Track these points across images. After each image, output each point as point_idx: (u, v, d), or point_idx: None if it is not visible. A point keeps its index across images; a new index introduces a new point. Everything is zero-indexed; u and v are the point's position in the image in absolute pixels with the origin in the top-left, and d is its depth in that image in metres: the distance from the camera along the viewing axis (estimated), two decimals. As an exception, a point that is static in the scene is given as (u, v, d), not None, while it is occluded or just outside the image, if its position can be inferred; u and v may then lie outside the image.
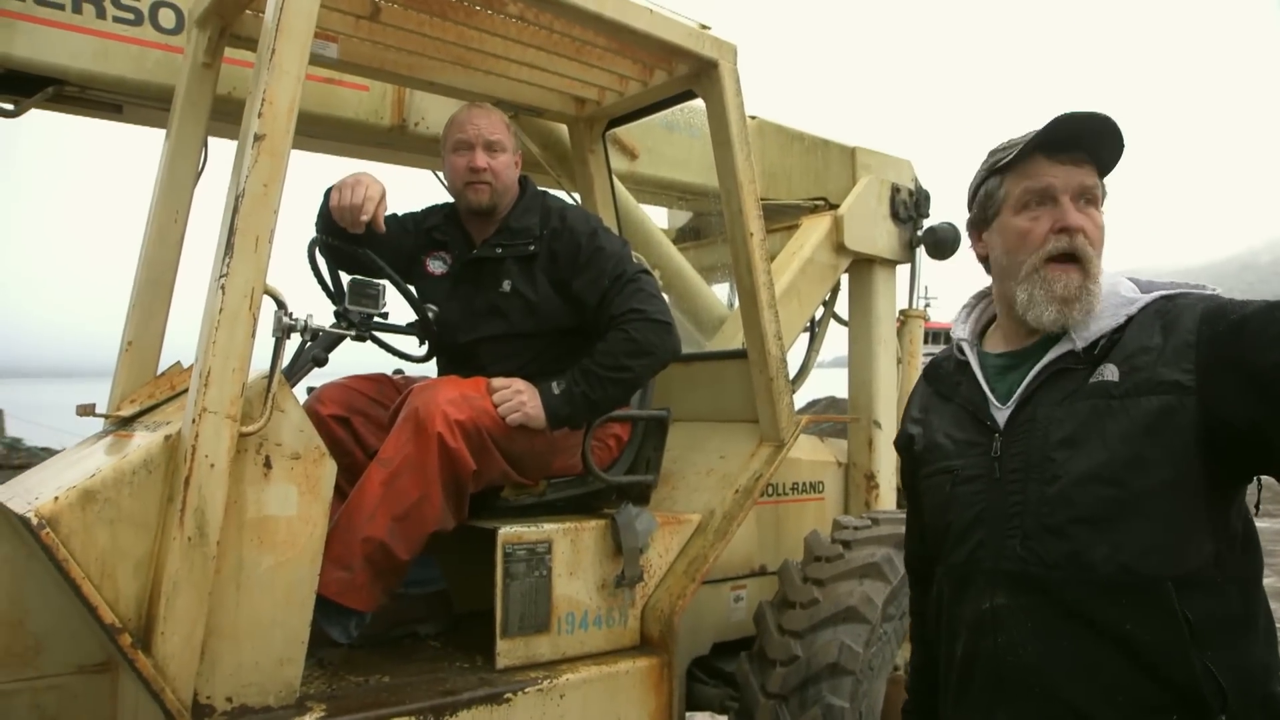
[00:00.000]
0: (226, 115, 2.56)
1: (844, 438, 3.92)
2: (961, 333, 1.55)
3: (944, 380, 1.54)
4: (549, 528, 2.27)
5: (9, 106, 2.45)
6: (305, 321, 1.88)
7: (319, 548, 1.88)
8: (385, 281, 2.19)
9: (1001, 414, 1.39)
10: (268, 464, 1.81)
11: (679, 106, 3.17)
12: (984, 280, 1.58)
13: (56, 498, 1.61)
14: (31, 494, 1.75)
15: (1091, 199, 1.37)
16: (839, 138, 3.96)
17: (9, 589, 1.90)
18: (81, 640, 1.96)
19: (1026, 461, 1.32)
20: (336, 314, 2.21)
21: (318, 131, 2.89)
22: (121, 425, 2.13)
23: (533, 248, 2.42)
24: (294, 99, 1.81)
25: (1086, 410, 1.28)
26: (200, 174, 2.41)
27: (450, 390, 2.15)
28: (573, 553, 2.30)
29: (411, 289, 2.42)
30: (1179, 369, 1.22)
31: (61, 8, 2.38)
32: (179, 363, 2.28)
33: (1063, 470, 1.28)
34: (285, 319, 1.82)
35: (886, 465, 3.78)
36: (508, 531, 2.19)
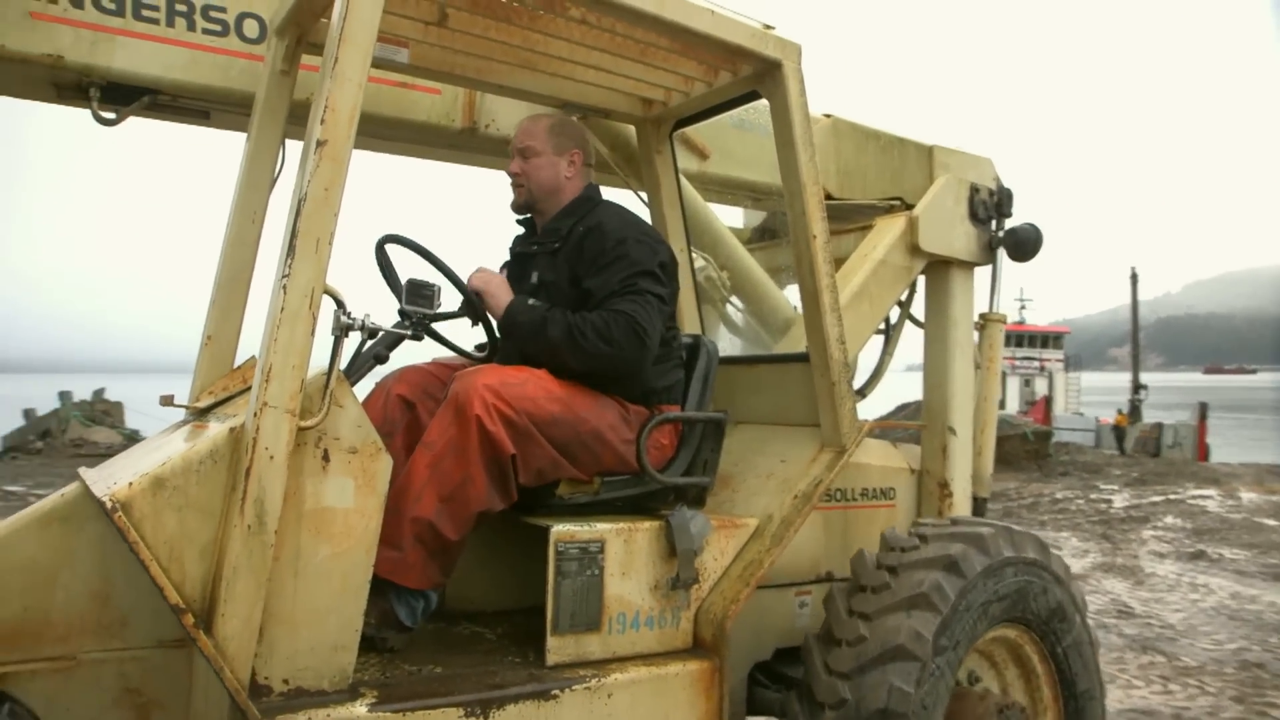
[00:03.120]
0: (304, 120, 2.68)
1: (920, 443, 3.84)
2: None
3: None
4: (602, 527, 2.29)
5: (110, 116, 2.60)
6: (363, 320, 1.95)
7: (374, 540, 1.94)
8: (439, 283, 2.25)
9: None
10: (326, 457, 1.89)
11: (750, 106, 3.16)
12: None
13: (131, 483, 1.71)
14: (112, 479, 1.87)
15: None
16: (917, 136, 3.87)
17: (99, 565, 2.01)
18: (162, 616, 2.06)
19: None
20: (400, 313, 2.27)
21: (391, 134, 2.99)
22: (199, 416, 2.25)
23: (558, 245, 2.52)
24: (355, 105, 1.87)
25: None
26: (277, 177, 2.52)
27: (490, 375, 2.22)
28: (626, 553, 2.32)
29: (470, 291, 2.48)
30: None
31: (156, 22, 2.52)
32: (253, 357, 2.39)
33: None
34: (344, 318, 1.88)
35: (961, 473, 3.69)
36: (561, 529, 2.22)
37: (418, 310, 2.17)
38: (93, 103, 2.52)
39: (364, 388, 2.43)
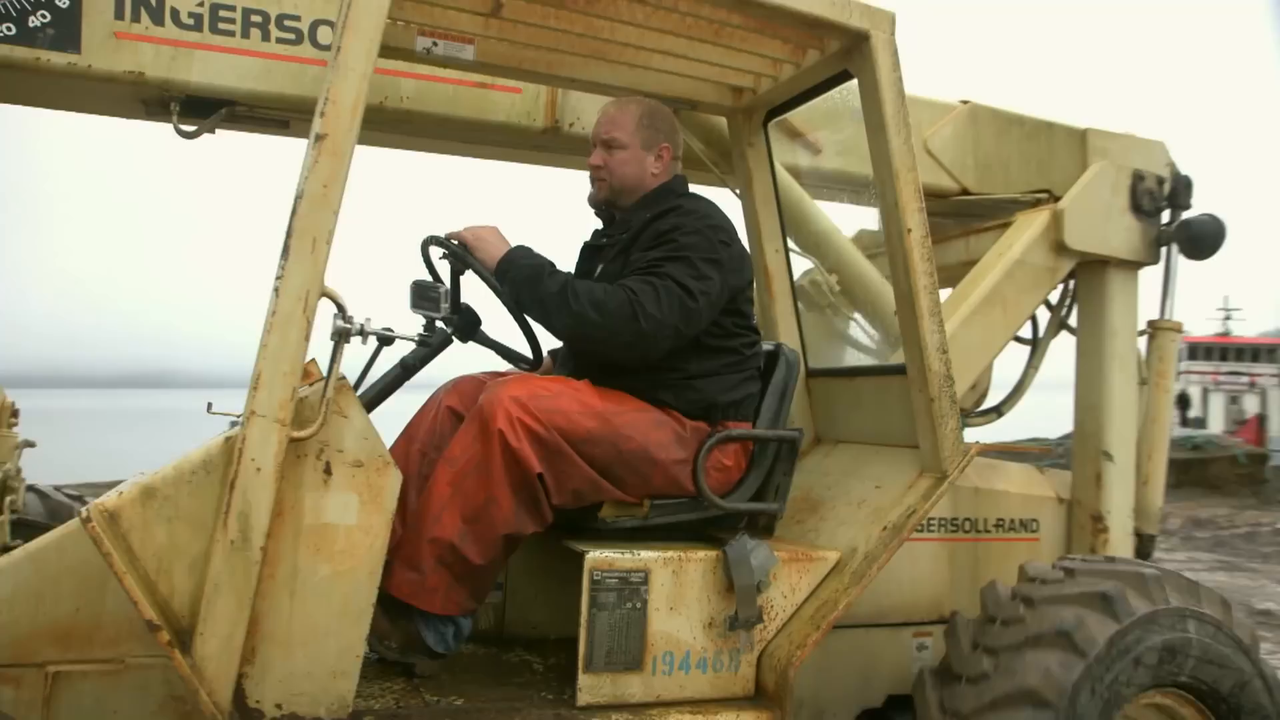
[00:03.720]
0: (379, 125, 2.64)
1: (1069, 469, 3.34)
2: None
3: None
4: (647, 555, 2.06)
5: (189, 129, 2.65)
6: (363, 325, 1.82)
7: (379, 560, 1.82)
8: (446, 286, 2.09)
9: None
10: (328, 470, 1.78)
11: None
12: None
13: (121, 493, 1.67)
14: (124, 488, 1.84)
15: None
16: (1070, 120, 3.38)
17: None
18: None
19: None
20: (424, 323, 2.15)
21: (472, 137, 2.90)
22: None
23: (626, 235, 2.29)
24: (358, 98, 1.76)
25: None
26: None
27: (518, 387, 2.03)
28: (674, 585, 2.08)
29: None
30: None
31: (231, 34, 2.54)
32: (314, 359, 2.35)
33: None
34: (341, 322, 1.77)
35: (1120, 505, 3.17)
36: (597, 557, 2.02)
37: (425, 313, 2.03)
38: (174, 116, 2.57)
39: (403, 401, 2.35)
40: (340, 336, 1.76)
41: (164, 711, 2.00)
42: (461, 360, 2.40)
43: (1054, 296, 3.38)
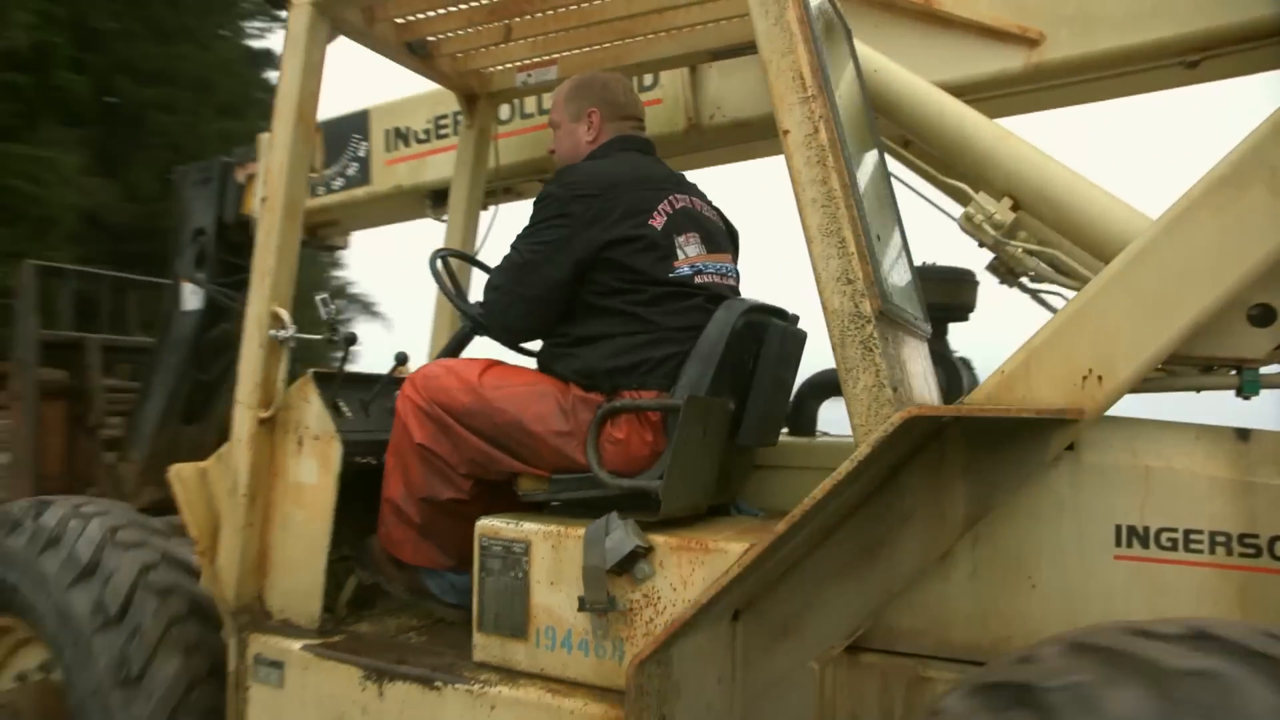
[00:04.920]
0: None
1: None
2: None
3: None
4: (529, 527, 2.09)
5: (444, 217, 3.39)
6: (292, 334, 2.37)
7: (329, 510, 2.34)
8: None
9: None
10: (300, 443, 2.40)
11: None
12: None
13: (197, 465, 2.54)
14: None
15: None
16: None
17: None
18: None
19: None
20: (468, 316, 2.49)
21: None
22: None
23: None
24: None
25: None
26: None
27: (422, 370, 2.29)
28: (554, 560, 2.05)
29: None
30: None
31: (446, 136, 3.26)
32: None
33: None
34: (279, 333, 2.36)
35: None
36: (485, 524, 2.14)
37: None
38: (428, 210, 3.44)
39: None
40: (280, 343, 2.37)
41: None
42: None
43: None
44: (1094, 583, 1.88)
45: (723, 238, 2.30)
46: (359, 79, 4.24)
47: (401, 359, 2.56)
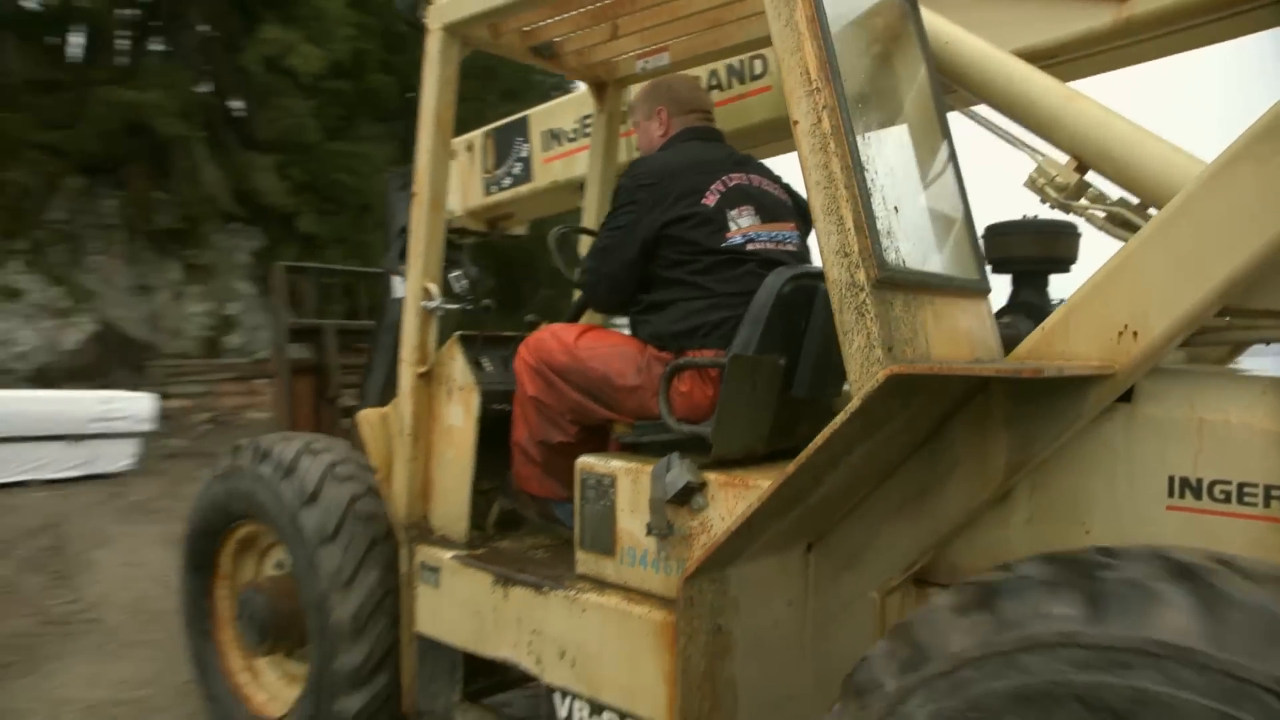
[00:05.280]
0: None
1: None
2: None
3: None
4: (615, 464, 2.48)
5: None
6: (440, 304, 2.87)
7: (471, 449, 2.86)
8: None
9: None
10: (449, 393, 2.94)
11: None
12: None
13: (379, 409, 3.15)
14: None
15: None
16: None
17: None
18: None
19: None
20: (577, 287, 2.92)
21: (742, 144, 3.28)
22: None
23: None
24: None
25: None
26: None
27: (534, 334, 2.72)
28: (633, 491, 2.43)
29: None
30: None
31: (586, 135, 3.66)
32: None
33: None
34: (428, 304, 2.88)
35: None
36: (583, 461, 2.56)
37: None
38: (580, 199, 3.81)
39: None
40: (432, 313, 2.90)
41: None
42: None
43: None
44: (1146, 532, 1.95)
45: (782, 208, 2.55)
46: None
47: (533, 323, 3.02)
